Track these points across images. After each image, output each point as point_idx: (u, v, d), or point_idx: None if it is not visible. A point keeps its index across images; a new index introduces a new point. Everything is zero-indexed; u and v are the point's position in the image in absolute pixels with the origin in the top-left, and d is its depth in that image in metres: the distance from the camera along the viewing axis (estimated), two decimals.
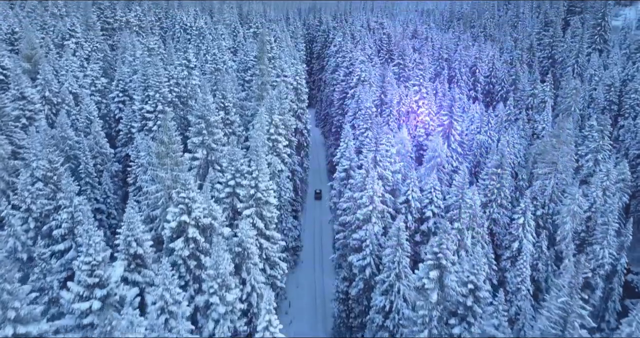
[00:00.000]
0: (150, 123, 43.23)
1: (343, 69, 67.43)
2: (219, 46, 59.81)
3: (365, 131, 50.72)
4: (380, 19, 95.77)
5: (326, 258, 52.42)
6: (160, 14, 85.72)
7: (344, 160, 42.59)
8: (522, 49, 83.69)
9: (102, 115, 50.31)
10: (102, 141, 41.66)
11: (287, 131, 47.40)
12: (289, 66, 57.68)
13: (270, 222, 32.02)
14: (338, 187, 43.50)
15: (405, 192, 38.19)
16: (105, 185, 40.80)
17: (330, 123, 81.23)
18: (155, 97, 42.95)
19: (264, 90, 48.82)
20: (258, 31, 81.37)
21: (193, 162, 37.52)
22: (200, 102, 37.40)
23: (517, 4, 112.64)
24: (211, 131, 37.78)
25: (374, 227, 34.72)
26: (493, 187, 38.46)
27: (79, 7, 69.95)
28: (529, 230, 36.12)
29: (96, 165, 41.71)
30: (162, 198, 28.54)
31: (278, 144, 43.01)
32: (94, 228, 20.44)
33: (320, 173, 77.32)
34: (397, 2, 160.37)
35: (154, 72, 42.80)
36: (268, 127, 42.43)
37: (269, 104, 43.44)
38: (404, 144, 43.65)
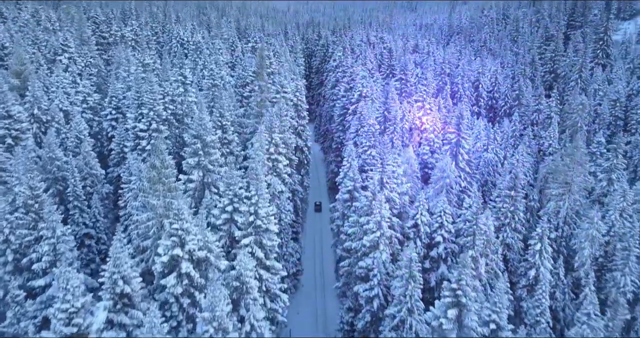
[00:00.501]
0: (143, 142, 40.91)
1: (343, 85, 65.55)
2: (217, 61, 57.86)
3: (368, 149, 48.57)
4: (380, 33, 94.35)
5: (327, 279, 49.84)
6: (157, 28, 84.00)
7: (348, 181, 40.29)
8: (524, 64, 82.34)
9: (94, 133, 47.99)
10: (92, 162, 39.23)
11: (288, 149, 45.17)
12: (288, 82, 55.69)
13: (271, 251, 29.54)
14: (341, 208, 41.12)
15: (414, 216, 35.83)
16: (95, 209, 38.26)
17: (330, 139, 79.15)
18: (149, 115, 40.69)
19: (263, 107, 46.70)
20: (256, 46, 79.66)
21: (188, 184, 35.13)
22: (197, 121, 35.16)
23: (517, 18, 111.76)
24: (208, 152, 35.48)
25: (382, 255, 32.27)
26: (506, 210, 36.18)
27: (73, 21, 68.06)
28: (546, 256, 33.74)
29: (86, 187, 39.23)
30: (154, 227, 26.07)
31: (278, 163, 40.72)
32: (72, 270, 17.94)
33: (320, 189, 74.93)
34: (396, 16, 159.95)
35: (148, 88, 40.62)
36: (268, 146, 40.18)
37: (269, 122, 41.26)
38: (410, 163, 41.44)
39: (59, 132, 43.53)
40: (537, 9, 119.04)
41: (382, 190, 35.16)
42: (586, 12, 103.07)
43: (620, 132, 63.67)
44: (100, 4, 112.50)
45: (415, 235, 36.06)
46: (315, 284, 49.91)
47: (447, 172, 38.83)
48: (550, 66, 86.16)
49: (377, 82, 63.45)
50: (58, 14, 72.29)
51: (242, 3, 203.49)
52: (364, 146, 48.75)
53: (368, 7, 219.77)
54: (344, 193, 40.39)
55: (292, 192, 47.12)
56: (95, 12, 76.60)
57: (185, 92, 44.46)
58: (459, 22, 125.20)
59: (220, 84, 54.76)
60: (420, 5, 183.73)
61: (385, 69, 70.29)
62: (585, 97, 64.50)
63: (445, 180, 39.00)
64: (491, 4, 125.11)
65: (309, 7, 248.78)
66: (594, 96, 70.87)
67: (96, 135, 48.25)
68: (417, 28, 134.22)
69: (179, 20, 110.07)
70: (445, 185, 39.05)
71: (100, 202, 39.04)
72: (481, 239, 31.49)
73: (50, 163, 37.99)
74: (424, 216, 35.65)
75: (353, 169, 40.96)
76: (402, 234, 36.31)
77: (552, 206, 39.91)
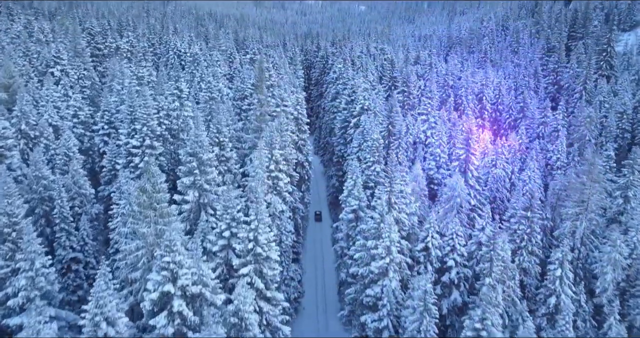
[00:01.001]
0: (136, 159, 38.47)
1: (344, 97, 63.41)
2: (214, 73, 55.73)
3: (372, 164, 46.23)
4: (380, 44, 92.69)
5: (329, 299, 47.25)
6: (154, 39, 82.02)
7: (352, 200, 37.86)
8: (527, 75, 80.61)
9: (85, 149, 45.54)
10: (81, 180, 36.72)
11: (289, 166, 42.78)
12: (288, 95, 53.52)
13: (272, 280, 26.99)
14: (345, 229, 38.62)
15: (424, 239, 33.39)
16: (84, 231, 35.63)
17: (330, 152, 76.85)
18: (142, 130, 38.31)
19: (262, 121, 44.42)
20: (255, 57, 77.73)
21: (183, 205, 32.65)
22: (192, 138, 32.78)
23: (516, 29, 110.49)
24: (204, 170, 33.06)
25: (392, 283, 29.76)
26: (522, 232, 33.77)
27: (67, 32, 65.94)
28: (566, 283, 31.28)
29: (74, 208, 36.65)
30: (144, 257, 23.54)
31: (279, 181, 38.30)
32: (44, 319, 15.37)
33: (321, 204, 72.41)
34: (394, 27, 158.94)
35: (141, 103, 38.28)
36: (268, 163, 37.78)
37: (269, 138, 38.92)
38: (418, 181, 39.10)
39: (47, 148, 41.08)
40: (536, 20, 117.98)
41: (390, 211, 32.75)
42: (587, 23, 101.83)
43: (628, 145, 61.75)
44: (97, 15, 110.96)
45: (425, 259, 33.60)
46: (317, 306, 47.21)
47: (457, 190, 36.47)
48: (553, 77, 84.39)
49: (379, 95, 61.34)
50: (52, 25, 70.20)
51: (240, 14, 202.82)
52: (368, 161, 46.41)
53: (366, 18, 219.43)
54: (348, 213, 37.93)
55: (293, 211, 44.64)
56: (90, 23, 74.59)
57: (181, 106, 42.17)
58: (458, 33, 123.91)
59: (217, 96, 52.56)
60: (418, 16, 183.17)
61: (387, 81, 68.27)
62: (592, 109, 62.57)
63: (455, 199, 36.62)
64: (490, 16, 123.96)
65: (307, 19, 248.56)
66: (600, 108, 68.97)
67: (87, 151, 45.80)
68: (416, 39, 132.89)
69: (177, 31, 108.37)
70: (455, 205, 36.68)
71: (89, 224, 36.44)
72: (499, 265, 29.04)
73: (36, 182, 35.48)
74: (435, 239, 33.23)
75: (358, 186, 38.56)
76: (412, 258, 33.84)
77: (568, 226, 37.54)
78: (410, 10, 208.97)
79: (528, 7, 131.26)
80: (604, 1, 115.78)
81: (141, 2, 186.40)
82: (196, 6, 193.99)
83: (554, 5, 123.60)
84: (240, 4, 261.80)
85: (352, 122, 60.07)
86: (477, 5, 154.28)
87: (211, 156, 33.68)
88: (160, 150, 39.42)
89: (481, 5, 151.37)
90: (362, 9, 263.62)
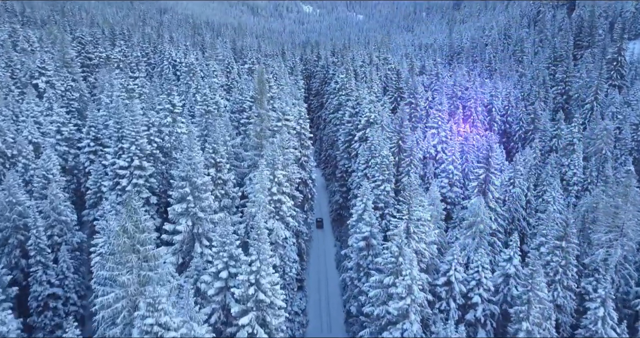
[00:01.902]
0: (123, 181, 34.44)
1: (348, 109, 59.66)
2: (210, 85, 51.90)
3: (382, 183, 42.31)
4: (383, 53, 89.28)
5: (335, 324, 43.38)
6: (148, 49, 78.26)
7: (363, 226, 33.86)
8: (535, 85, 77.25)
9: (70, 168, 41.50)
10: (61, 206, 32.64)
11: (292, 186, 38.83)
12: (290, 107, 49.71)
13: (277, 329, 22.92)
14: (356, 258, 34.55)
15: (446, 272, 29.45)
16: (63, 263, 31.57)
17: (333, 165, 73.00)
18: (130, 150, 34.32)
19: (263, 137, 40.55)
20: (253, 67, 74.05)
21: (174, 236, 28.63)
22: (185, 160, 28.81)
23: (520, 38, 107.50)
24: (198, 196, 29.09)
25: (413, 326, 25.74)
26: (557, 264, 29.85)
27: (55, 41, 62.06)
28: (609, 323, 27.37)
29: (52, 237, 32.58)
30: (124, 310, 19.47)
31: (282, 205, 34.32)
32: None
33: (324, 221, 68.42)
34: (394, 36, 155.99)
35: (129, 119, 34.34)
36: (270, 185, 33.82)
37: (271, 157, 34.98)
38: (436, 204, 35.20)
39: (26, 168, 37.01)
40: (539, 28, 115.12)
41: (409, 242, 28.82)
42: (593, 31, 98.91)
43: None
44: (92, 23, 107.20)
45: (447, 294, 29.65)
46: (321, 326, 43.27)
47: (480, 215, 32.58)
48: (562, 88, 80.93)
49: (385, 107, 57.61)
50: (40, 33, 66.35)
51: (237, 23, 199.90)
52: (377, 180, 42.49)
53: (364, 27, 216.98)
54: (359, 241, 33.91)
55: (296, 234, 40.64)
56: (81, 32, 70.82)
57: (174, 122, 38.23)
58: (460, 42, 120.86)
59: (214, 110, 48.69)
60: (417, 25, 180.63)
61: (392, 92, 64.63)
62: (609, 121, 59.12)
63: (478, 225, 32.71)
64: (492, 24, 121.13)
65: (305, 28, 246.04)
66: (612, 120, 65.56)
67: (72, 170, 41.76)
68: (417, 48, 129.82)
69: (173, 40, 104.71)
70: (478, 232, 32.76)
71: (69, 255, 32.37)
72: (536, 307, 25.10)
73: (9, 209, 31.41)
74: (458, 272, 29.29)
75: (369, 210, 34.59)
76: (432, 292, 29.86)
77: (601, 254, 33.69)
78: (409, 19, 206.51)
79: (530, 16, 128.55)
80: (607, 9, 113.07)
81: (138, 11, 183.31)
82: (193, 15, 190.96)
83: (557, 13, 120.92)
84: (237, 13, 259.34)
85: (357, 136, 56.28)
86: (477, 14, 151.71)
87: (206, 180, 29.72)
88: (150, 171, 35.42)
89: (481, 14, 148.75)
90: (360, 17, 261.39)
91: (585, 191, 52.14)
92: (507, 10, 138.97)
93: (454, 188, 46.92)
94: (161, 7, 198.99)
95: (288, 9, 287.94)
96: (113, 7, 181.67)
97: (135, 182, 34.41)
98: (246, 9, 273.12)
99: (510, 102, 69.91)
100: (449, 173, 46.90)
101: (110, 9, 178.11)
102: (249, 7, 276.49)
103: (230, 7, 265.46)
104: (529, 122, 66.92)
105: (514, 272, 30.36)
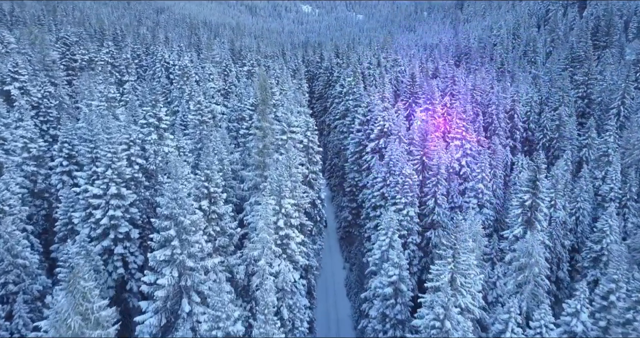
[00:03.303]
0: (97, 213, 27.78)
1: (359, 117, 53.04)
2: (205, 91, 45.18)
3: (404, 207, 35.74)
4: (389, 54, 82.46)
5: None
6: (140, 50, 71.29)
7: (391, 268, 27.18)
8: (556, 88, 70.63)
9: (39, 192, 34.70)
10: (18, 246, 25.88)
11: (300, 213, 32.14)
12: (295, 116, 43.06)
13: None
14: (381, 307, 27.81)
15: (501, 333, 22.87)
16: (19, 319, 24.87)
17: (340, 176, 66.38)
18: (106, 174, 27.61)
19: (266, 155, 33.85)
20: (253, 69, 67.23)
21: (156, 292, 21.95)
22: (169, 194, 22.08)
23: (532, 37, 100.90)
24: (186, 239, 22.40)
25: None
26: None
27: (35, 42, 55.10)
28: None
29: (6, 285, 25.84)
30: None
31: (290, 242, 27.67)
32: None
33: (330, 237, 61.90)
34: (396, 36, 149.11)
35: (105, 137, 27.61)
36: (275, 217, 27.18)
37: (276, 181, 28.28)
38: (478, 239, 28.59)
39: None
40: (551, 28, 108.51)
41: (455, 298, 22.22)
42: (610, 31, 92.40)
43: None
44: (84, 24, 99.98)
45: None
46: None
47: (534, 257, 25.99)
48: (583, 91, 74.27)
49: (399, 114, 50.91)
50: (17, 34, 59.42)
51: (236, 23, 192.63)
52: (398, 203, 35.90)
53: (365, 27, 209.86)
54: (384, 286, 27.24)
55: (306, 270, 33.97)
56: (65, 31, 63.90)
57: (161, 138, 31.44)
58: (467, 42, 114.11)
59: (210, 119, 42.00)
60: (419, 25, 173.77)
61: (407, 97, 57.92)
62: None
63: (532, 268, 26.11)
64: (501, 23, 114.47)
65: (304, 28, 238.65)
66: None
67: (42, 194, 34.96)
68: (422, 49, 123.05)
69: (168, 40, 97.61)
70: (532, 277, 26.18)
71: (27, 307, 25.65)
72: None
73: None
74: (515, 334, 22.73)
75: (396, 248, 27.93)
76: None
77: None
78: (410, 19, 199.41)
79: (539, 15, 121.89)
80: (622, 8, 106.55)
81: (134, 11, 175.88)
82: (190, 15, 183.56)
83: (568, 11, 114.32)
84: (235, 13, 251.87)
85: (369, 147, 49.73)
86: (482, 13, 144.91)
87: (196, 218, 23.00)
88: (131, 199, 28.73)
89: (487, 13, 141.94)
90: (360, 17, 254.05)
91: (623, 208, 45.93)
92: (514, 9, 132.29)
93: (484, 210, 40.36)
94: (158, 7, 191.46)
95: (287, 8, 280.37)
96: (108, 7, 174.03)
97: (112, 213, 27.72)
98: (244, 9, 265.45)
99: (533, 107, 63.35)
100: (478, 193, 40.32)
101: (106, 9, 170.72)
102: (247, 7, 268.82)
103: (228, 7, 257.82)
104: (554, 129, 60.39)
105: (581, 330, 23.87)
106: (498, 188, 45.19)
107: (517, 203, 31.40)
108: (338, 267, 54.43)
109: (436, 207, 36.96)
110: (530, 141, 62.95)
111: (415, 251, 37.10)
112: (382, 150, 48.69)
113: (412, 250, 36.69)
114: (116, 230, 28.03)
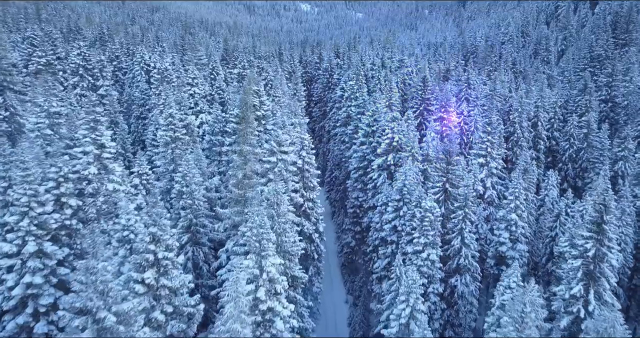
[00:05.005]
0: (9, 280, 19.59)
1: (363, 127, 44.67)
2: (180, 100, 36.87)
3: (423, 249, 27.58)
4: (396, 54, 73.89)
5: None
6: (119, 51, 62.79)
7: None
8: (579, 90, 62.26)
9: None
10: None
11: (293, 262, 23.89)
12: (288, 130, 34.79)
13: None
14: None
15: None
16: None
17: (341, 191, 57.97)
18: (21, 226, 19.39)
19: (247, 187, 25.60)
20: (244, 72, 58.83)
21: None
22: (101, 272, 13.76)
23: (543, 35, 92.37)
24: None
25: None
26: None
27: None
28: None
29: None
30: None
31: (275, 318, 19.45)
32: None
33: (330, 262, 53.78)
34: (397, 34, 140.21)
35: (20, 175, 19.37)
36: (254, 284, 18.98)
37: (256, 236, 19.95)
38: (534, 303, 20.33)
39: None
40: (562, 25, 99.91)
41: None
42: (630, 28, 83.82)
43: None
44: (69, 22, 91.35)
45: None
46: None
47: None
48: (606, 93, 65.85)
49: (410, 124, 42.51)
50: None
51: (233, 22, 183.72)
52: (417, 243, 27.72)
53: (365, 25, 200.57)
54: None
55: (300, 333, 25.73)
56: (32, 31, 55.51)
57: (105, 170, 23.08)
58: (474, 40, 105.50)
59: (183, 136, 33.75)
60: (421, 23, 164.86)
61: (417, 103, 49.47)
62: None
63: None
64: (509, 20, 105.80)
65: (303, 27, 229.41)
66: None
67: None
68: (426, 47, 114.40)
69: (158, 40, 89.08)
70: None
71: None
72: None
73: None
74: None
75: (420, 321, 19.78)
76: None
77: None
78: (411, 17, 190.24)
79: (547, 12, 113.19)
80: (637, 4, 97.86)
81: (127, 10, 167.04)
82: (186, 14, 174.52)
83: (580, 7, 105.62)
84: (233, 11, 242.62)
85: (376, 163, 41.41)
86: (486, 11, 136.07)
87: (130, 307, 14.76)
88: (59, 256, 20.52)
89: (492, 10, 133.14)
90: (360, 16, 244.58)
91: None
92: (520, 5, 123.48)
93: (517, 245, 32.16)
94: (153, 6, 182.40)
95: (285, 7, 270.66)
96: (102, 6, 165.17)
97: (29, 280, 19.53)
98: (242, 8, 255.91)
99: (557, 113, 55.02)
100: (511, 225, 32.07)
101: (99, 8, 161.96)
102: (245, 6, 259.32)
103: (226, 6, 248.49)
104: (582, 138, 52.17)
105: None
106: (530, 214, 37.06)
107: (576, 253, 23.17)
108: (340, 301, 46.36)
109: (463, 248, 28.77)
110: (553, 151, 54.70)
111: (437, 302, 29.01)
112: (390, 168, 40.49)
113: (433, 302, 28.62)
114: (36, 301, 19.82)
